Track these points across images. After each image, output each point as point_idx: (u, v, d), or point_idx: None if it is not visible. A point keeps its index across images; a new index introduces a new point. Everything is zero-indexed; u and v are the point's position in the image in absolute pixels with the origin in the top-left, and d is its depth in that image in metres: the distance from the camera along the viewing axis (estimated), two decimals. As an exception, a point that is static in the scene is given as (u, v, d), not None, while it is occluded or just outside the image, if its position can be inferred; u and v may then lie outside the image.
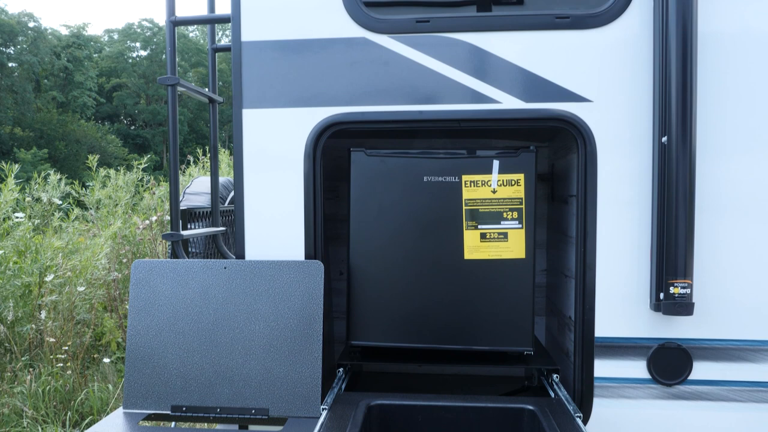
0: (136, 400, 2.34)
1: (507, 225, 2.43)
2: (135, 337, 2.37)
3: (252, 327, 2.32)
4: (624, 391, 2.37)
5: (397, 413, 2.18)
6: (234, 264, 2.39)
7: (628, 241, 2.33)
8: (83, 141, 31.92)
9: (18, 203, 7.07)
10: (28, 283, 5.99)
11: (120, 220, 7.24)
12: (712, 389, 2.35)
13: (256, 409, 2.27)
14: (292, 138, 2.45)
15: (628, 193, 2.33)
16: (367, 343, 2.53)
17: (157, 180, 9.17)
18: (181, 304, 2.37)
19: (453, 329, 2.48)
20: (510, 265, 2.44)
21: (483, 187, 2.44)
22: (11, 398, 5.18)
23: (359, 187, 2.53)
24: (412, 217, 2.49)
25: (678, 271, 2.20)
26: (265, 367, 2.29)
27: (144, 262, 2.43)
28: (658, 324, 2.34)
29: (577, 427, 2.00)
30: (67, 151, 31.06)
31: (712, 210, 2.31)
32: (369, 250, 2.52)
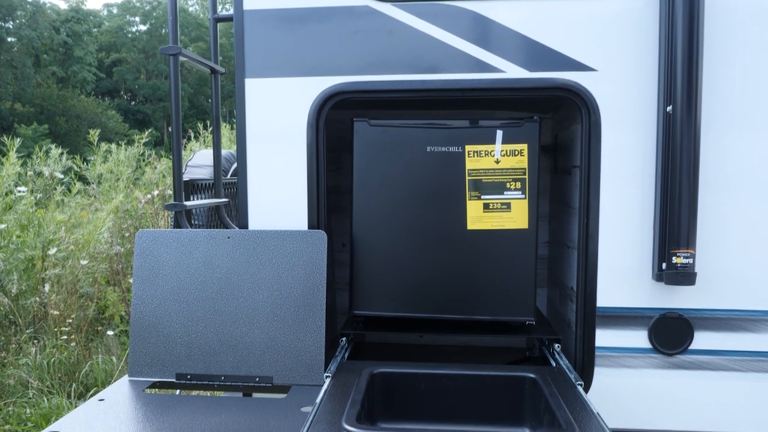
0: (141, 369, 2.36)
1: (510, 195, 2.43)
2: (139, 306, 2.39)
3: (256, 296, 2.34)
4: (625, 360, 2.39)
5: (400, 381, 2.20)
6: (237, 234, 2.39)
7: (631, 212, 2.33)
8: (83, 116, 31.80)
9: (20, 177, 7.06)
10: (32, 257, 6.01)
11: (122, 194, 7.24)
12: (712, 359, 2.37)
13: (260, 377, 2.29)
14: (294, 108, 2.44)
15: (632, 163, 2.32)
16: (369, 312, 2.54)
17: (158, 155, 9.15)
18: (185, 273, 2.38)
19: (455, 299, 2.49)
20: (513, 235, 2.44)
21: (486, 157, 2.43)
22: (17, 370, 5.23)
23: (362, 158, 2.52)
24: (414, 188, 2.49)
25: (681, 241, 2.20)
26: (268, 335, 2.31)
27: (148, 232, 2.44)
28: (660, 294, 2.35)
29: (578, 394, 2.01)
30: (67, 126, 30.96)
31: (715, 181, 2.30)
32: (372, 220, 2.52)
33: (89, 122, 29.37)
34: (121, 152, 8.31)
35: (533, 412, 2.11)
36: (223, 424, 1.93)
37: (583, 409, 1.88)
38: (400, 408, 2.20)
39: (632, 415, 2.39)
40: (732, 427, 2.38)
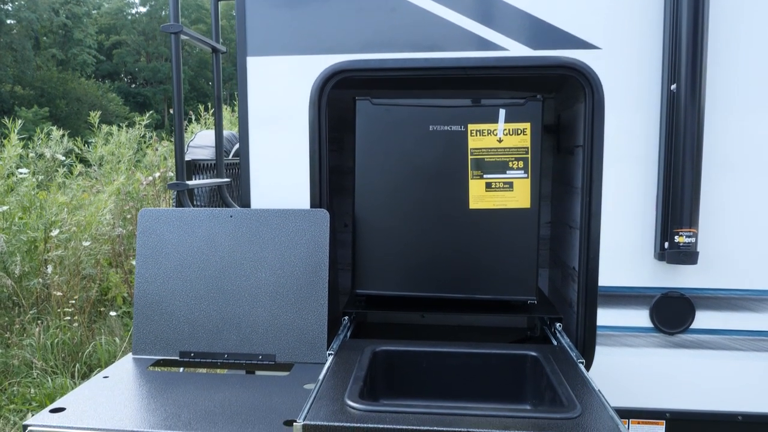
0: (144, 346, 2.38)
1: (512, 174, 2.43)
2: (143, 284, 2.39)
3: (258, 275, 2.34)
4: (626, 339, 2.40)
5: (402, 359, 2.21)
6: (240, 212, 2.39)
7: (633, 191, 2.33)
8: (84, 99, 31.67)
9: (21, 159, 7.06)
10: (34, 239, 6.02)
11: (123, 176, 7.24)
12: (713, 338, 2.37)
13: (263, 355, 2.30)
14: (297, 86, 2.43)
15: (635, 142, 2.31)
16: (372, 291, 2.55)
17: (159, 137, 9.14)
18: (188, 252, 2.39)
19: (457, 278, 2.50)
20: (515, 214, 2.44)
21: (489, 136, 2.43)
22: (21, 350, 5.26)
23: (364, 137, 2.51)
24: (417, 167, 2.48)
25: (683, 221, 2.20)
26: (271, 314, 2.32)
27: (150, 210, 2.44)
28: (662, 273, 2.35)
29: (580, 372, 2.02)
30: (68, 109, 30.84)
31: (718, 160, 2.30)
32: (374, 200, 2.52)
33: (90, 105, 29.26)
34: (122, 134, 8.29)
35: (535, 390, 2.12)
36: (226, 400, 1.94)
37: (585, 387, 1.89)
38: (402, 386, 2.21)
39: (633, 394, 2.41)
40: (732, 406, 2.40)
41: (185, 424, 1.77)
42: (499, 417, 1.65)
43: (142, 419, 1.81)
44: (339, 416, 1.65)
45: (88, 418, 1.82)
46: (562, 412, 1.67)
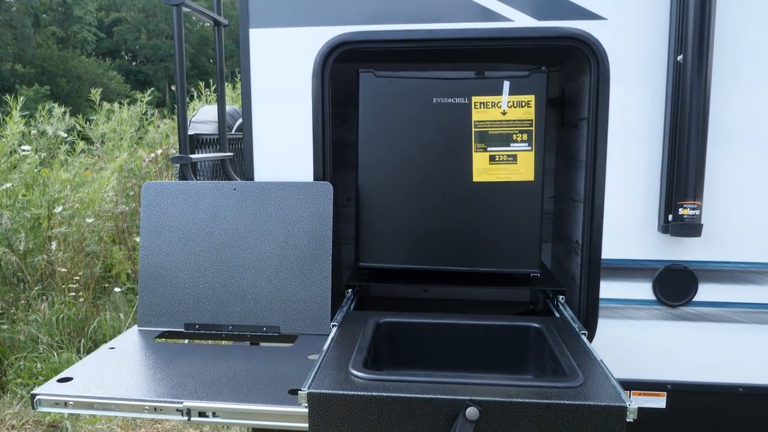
0: (150, 319, 2.39)
1: (516, 147, 2.42)
2: (147, 257, 2.40)
3: (262, 247, 2.35)
4: (629, 312, 2.41)
5: (406, 330, 2.22)
6: (243, 185, 2.39)
7: (638, 163, 2.32)
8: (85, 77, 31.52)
9: (24, 136, 7.04)
10: (38, 216, 6.04)
11: (125, 153, 7.23)
12: (716, 311, 2.38)
13: (267, 327, 2.32)
14: (300, 58, 2.41)
15: (641, 114, 2.30)
16: (375, 264, 2.56)
17: (161, 114, 9.10)
18: (192, 225, 2.39)
19: (460, 251, 2.50)
20: (518, 187, 2.44)
21: (493, 108, 2.41)
22: (27, 325, 5.31)
23: (367, 110, 2.50)
24: (420, 140, 2.48)
25: (688, 193, 2.20)
26: (275, 286, 2.33)
27: (154, 184, 2.44)
28: (666, 246, 2.35)
29: (582, 343, 2.04)
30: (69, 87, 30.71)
31: (723, 133, 2.28)
32: (377, 173, 2.51)
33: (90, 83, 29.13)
34: (124, 111, 8.25)
35: (537, 361, 2.14)
36: (231, 370, 1.96)
37: (587, 357, 1.90)
38: (405, 357, 2.23)
39: (634, 366, 2.42)
40: (733, 378, 2.41)
41: (191, 393, 1.79)
42: (502, 386, 1.67)
43: (148, 388, 1.83)
44: (343, 385, 1.67)
45: (95, 387, 1.84)
46: (564, 381, 1.69)
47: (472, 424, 1.58)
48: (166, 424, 4.25)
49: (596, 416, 1.57)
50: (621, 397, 1.60)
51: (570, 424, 1.58)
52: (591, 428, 1.57)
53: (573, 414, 1.57)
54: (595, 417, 1.57)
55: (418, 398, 1.60)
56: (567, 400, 1.58)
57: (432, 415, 1.60)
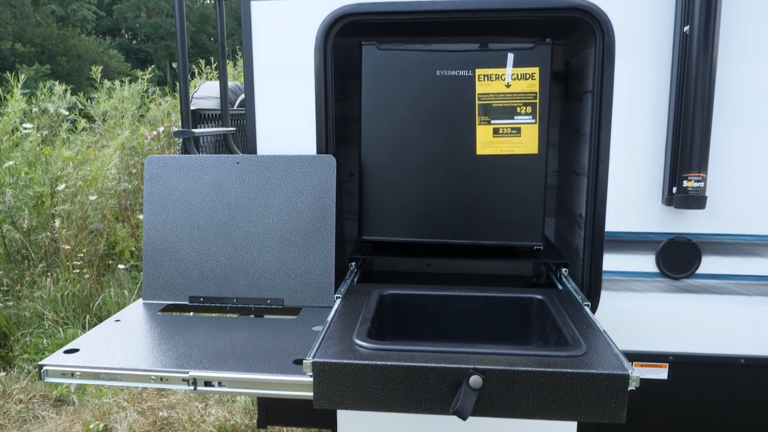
0: (154, 292, 2.41)
1: (520, 120, 2.41)
2: (151, 231, 2.41)
3: (266, 220, 2.35)
4: (631, 284, 2.41)
5: (409, 302, 2.23)
6: (247, 159, 2.39)
7: (643, 136, 2.31)
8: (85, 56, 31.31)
9: (25, 114, 7.02)
10: (41, 194, 6.05)
11: (127, 131, 7.21)
12: (719, 283, 2.39)
13: (271, 299, 2.33)
14: (302, 31, 2.39)
15: (646, 86, 2.28)
16: (378, 238, 2.56)
17: (163, 91, 9.05)
18: (195, 198, 2.39)
19: (464, 224, 2.51)
20: (522, 160, 2.43)
21: (497, 81, 2.40)
22: (32, 302, 5.34)
23: (370, 83, 2.49)
24: (423, 113, 2.46)
25: (692, 165, 2.19)
26: (279, 259, 2.33)
27: (157, 157, 2.44)
28: (669, 218, 2.35)
29: (585, 314, 2.05)
30: (69, 66, 30.54)
31: (729, 105, 2.27)
32: (380, 145, 2.50)
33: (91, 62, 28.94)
34: (125, 89, 8.22)
35: (540, 332, 2.15)
36: (236, 341, 1.97)
37: (590, 327, 1.91)
38: (408, 329, 2.24)
39: (637, 338, 2.44)
40: (735, 350, 2.43)
41: (197, 364, 1.80)
42: (505, 355, 1.68)
43: (154, 359, 1.84)
44: (348, 354, 1.68)
45: (102, 358, 1.86)
46: (567, 350, 1.70)
47: (475, 393, 1.59)
48: (171, 397, 4.30)
49: (599, 384, 1.58)
50: (623, 365, 1.61)
51: (572, 392, 1.59)
52: (593, 396, 1.59)
53: (575, 382, 1.58)
54: (598, 385, 1.58)
55: (422, 367, 1.61)
56: (570, 369, 1.59)
57: (436, 384, 1.61)
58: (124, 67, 31.19)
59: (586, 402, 1.59)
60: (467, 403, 1.59)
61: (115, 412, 4.09)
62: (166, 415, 4.07)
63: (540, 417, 1.62)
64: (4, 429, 3.96)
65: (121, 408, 4.15)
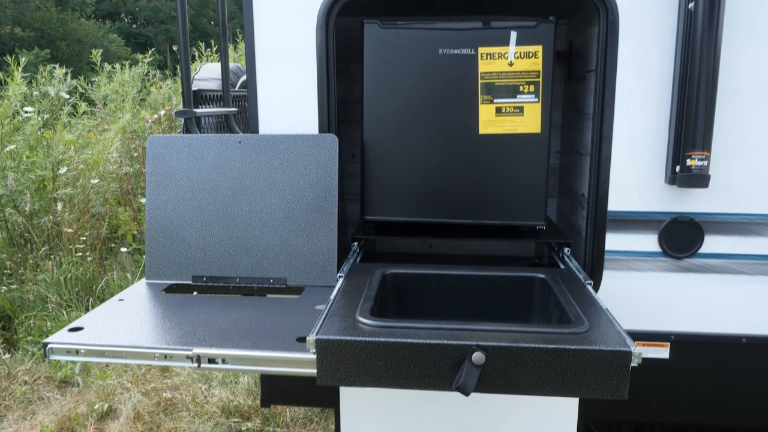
0: (157, 271, 2.41)
1: (523, 99, 2.39)
2: (154, 211, 2.41)
3: (268, 200, 2.35)
4: (634, 264, 2.41)
5: (412, 281, 2.24)
6: (248, 138, 2.39)
7: (646, 114, 2.30)
8: (85, 40, 31.15)
9: (26, 98, 7.01)
10: (42, 177, 6.05)
11: (128, 114, 7.19)
12: (721, 262, 2.39)
13: (274, 279, 2.34)
14: (304, 9, 2.38)
15: (650, 64, 2.27)
16: (380, 218, 2.56)
17: (163, 74, 9.02)
18: (198, 178, 2.39)
19: (466, 204, 2.50)
20: (525, 139, 2.42)
21: (500, 59, 2.38)
22: (35, 285, 5.36)
23: (372, 62, 2.47)
24: (426, 92, 2.45)
25: (696, 143, 2.18)
26: (282, 238, 2.34)
27: (159, 137, 2.43)
28: (672, 198, 2.35)
29: (588, 293, 2.05)
30: (69, 51, 30.40)
31: (734, 84, 2.25)
32: (383, 125, 2.49)
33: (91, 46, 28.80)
34: (126, 72, 8.19)
35: (543, 312, 2.16)
36: (240, 320, 1.98)
37: (592, 305, 1.91)
38: (411, 307, 2.25)
39: (639, 317, 2.44)
40: (737, 329, 2.43)
41: (201, 341, 1.81)
42: (507, 332, 1.68)
43: (158, 337, 1.85)
44: (351, 331, 1.68)
45: (106, 336, 1.87)
46: (569, 328, 1.70)
47: (478, 369, 1.60)
48: (175, 378, 4.32)
49: (601, 361, 1.59)
50: (626, 342, 1.61)
51: (575, 369, 1.60)
52: (596, 373, 1.59)
53: (578, 359, 1.59)
54: (600, 362, 1.59)
55: (425, 344, 1.62)
56: (572, 345, 1.59)
57: (439, 361, 1.62)
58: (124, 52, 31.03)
59: (588, 379, 1.60)
60: (470, 379, 1.60)
61: (119, 393, 4.12)
62: (169, 396, 4.09)
63: (542, 393, 1.62)
64: (10, 410, 4.00)
65: (125, 389, 4.18)
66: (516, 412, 2.32)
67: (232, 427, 3.71)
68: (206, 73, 4.00)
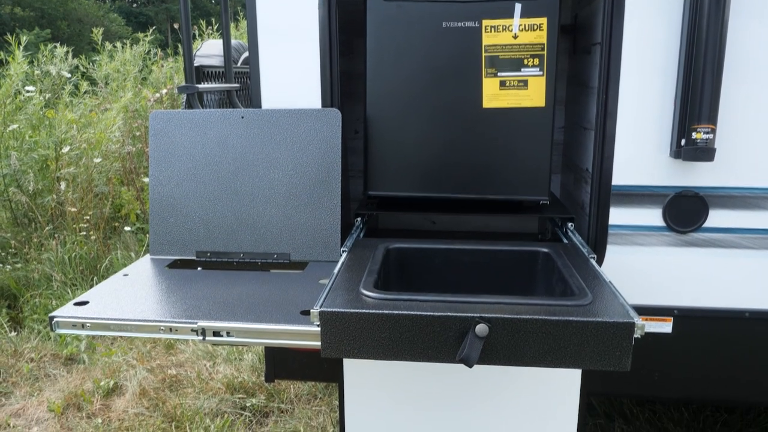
0: (161, 247, 2.42)
1: (527, 72, 2.37)
2: (157, 186, 2.41)
3: (271, 175, 2.35)
4: (637, 238, 2.41)
5: (415, 256, 2.24)
6: (251, 113, 2.37)
7: (652, 87, 2.28)
8: (85, 20, 30.96)
9: (27, 77, 6.98)
10: (45, 157, 6.04)
11: (130, 93, 7.16)
12: (726, 236, 2.38)
13: (278, 254, 2.34)
14: None
15: (656, 36, 2.24)
16: (384, 193, 2.55)
17: (165, 54, 8.97)
18: (201, 153, 2.38)
19: (470, 179, 2.49)
20: (529, 113, 2.41)
21: (504, 32, 2.36)
22: (40, 264, 5.39)
23: (375, 36, 2.45)
24: (429, 66, 2.43)
25: (702, 116, 2.16)
26: (285, 214, 2.34)
27: (161, 112, 2.42)
28: (677, 172, 2.34)
29: (591, 266, 2.05)
30: (69, 30, 30.23)
31: (740, 56, 2.23)
32: (386, 100, 2.48)
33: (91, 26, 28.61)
34: (127, 51, 8.14)
35: (546, 285, 2.16)
36: (244, 294, 1.99)
37: (596, 278, 1.91)
38: (414, 282, 2.25)
39: (642, 292, 2.44)
40: (740, 303, 2.43)
41: (205, 315, 1.82)
42: (511, 304, 1.68)
43: (163, 310, 1.86)
44: (354, 304, 1.69)
45: (111, 310, 1.88)
46: (573, 300, 1.70)
47: (481, 341, 1.60)
48: (180, 355, 4.36)
49: (604, 333, 1.59)
50: (629, 314, 1.61)
51: (578, 341, 1.60)
52: (599, 345, 1.60)
53: (581, 330, 1.59)
54: (603, 333, 1.59)
55: (428, 316, 1.62)
56: (575, 317, 1.59)
57: (442, 332, 1.62)
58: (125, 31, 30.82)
59: (591, 350, 1.60)
60: (473, 351, 1.60)
61: (124, 370, 4.16)
62: (174, 372, 4.13)
63: (545, 365, 1.63)
64: (17, 386, 4.04)
65: (130, 366, 4.22)
66: (519, 387, 2.34)
67: (237, 403, 3.75)
68: (208, 49, 3.97)
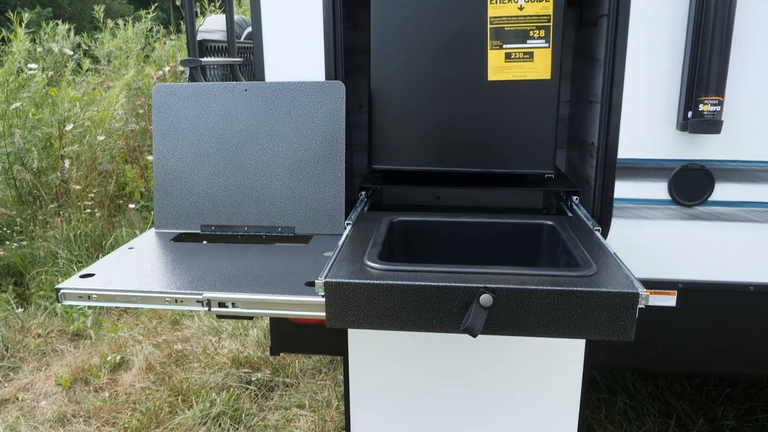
0: (166, 221, 2.42)
1: (533, 44, 2.35)
2: (161, 160, 2.40)
3: (275, 148, 2.34)
4: (643, 212, 2.40)
5: (420, 229, 2.24)
6: (255, 86, 2.36)
7: (659, 59, 2.25)
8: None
9: (29, 55, 6.95)
10: (49, 135, 6.04)
11: (132, 71, 7.14)
12: (731, 210, 2.37)
13: (282, 227, 2.34)
14: None
15: (664, 6, 2.21)
16: (388, 166, 2.54)
17: (168, 31, 8.91)
18: (204, 126, 2.38)
19: (475, 152, 2.48)
20: (534, 86, 2.39)
21: (509, 3, 2.33)
22: (45, 242, 5.41)
23: (379, 8, 2.42)
24: (434, 38, 2.41)
25: (710, 88, 2.14)
26: (289, 187, 2.33)
27: (165, 86, 2.41)
28: (683, 145, 2.32)
29: (596, 239, 2.05)
30: (71, 9, 30.04)
31: (749, 27, 2.20)
32: (390, 73, 2.46)
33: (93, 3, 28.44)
34: (129, 29, 8.10)
35: (550, 257, 2.16)
36: (249, 266, 1.99)
37: (601, 250, 1.91)
38: (419, 255, 2.26)
39: (647, 265, 2.44)
40: (745, 277, 2.43)
41: (210, 286, 1.83)
42: (515, 275, 1.69)
43: (169, 282, 1.87)
44: (359, 275, 1.69)
45: (117, 282, 1.89)
46: (577, 270, 1.70)
47: (485, 311, 1.61)
48: (185, 331, 4.39)
49: (608, 303, 1.59)
50: (633, 284, 1.61)
51: (582, 311, 1.60)
52: (603, 315, 1.60)
53: (585, 300, 1.60)
54: (608, 303, 1.59)
55: (433, 286, 1.62)
56: (580, 287, 1.60)
57: (446, 303, 1.63)
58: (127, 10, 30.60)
59: (595, 320, 1.61)
60: (477, 321, 1.61)
61: (131, 345, 4.19)
62: (180, 347, 4.17)
63: (549, 335, 1.64)
64: (25, 362, 4.08)
65: (136, 341, 4.25)
66: (522, 359, 2.35)
67: (242, 377, 3.78)
68: (211, 24, 3.94)
